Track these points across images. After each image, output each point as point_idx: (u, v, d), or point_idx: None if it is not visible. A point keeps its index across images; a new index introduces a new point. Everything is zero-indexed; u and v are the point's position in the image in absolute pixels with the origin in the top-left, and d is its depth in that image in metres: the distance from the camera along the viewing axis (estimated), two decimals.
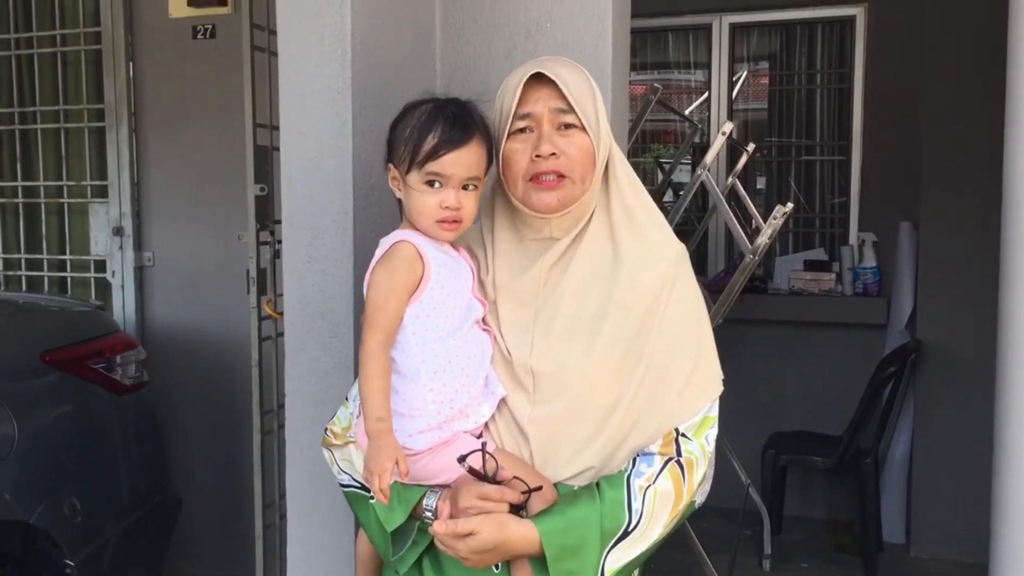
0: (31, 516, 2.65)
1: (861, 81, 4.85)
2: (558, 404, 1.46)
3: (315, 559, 2.03)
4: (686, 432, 1.47)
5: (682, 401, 1.47)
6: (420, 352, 1.45)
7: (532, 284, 1.51)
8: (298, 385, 2.01)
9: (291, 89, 1.94)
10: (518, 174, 1.49)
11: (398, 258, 1.46)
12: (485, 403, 1.49)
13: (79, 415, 2.97)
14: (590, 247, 1.51)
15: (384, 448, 1.36)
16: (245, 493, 3.64)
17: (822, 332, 4.79)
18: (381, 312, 1.44)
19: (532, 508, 1.42)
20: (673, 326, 1.48)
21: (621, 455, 1.46)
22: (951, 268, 4.23)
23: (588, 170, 1.49)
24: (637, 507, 1.42)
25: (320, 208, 1.93)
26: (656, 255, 1.50)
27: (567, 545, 1.39)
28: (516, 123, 1.48)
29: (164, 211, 4.06)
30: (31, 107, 4.25)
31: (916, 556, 4.36)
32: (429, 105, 1.49)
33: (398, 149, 1.49)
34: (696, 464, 1.47)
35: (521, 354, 1.49)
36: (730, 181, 4.00)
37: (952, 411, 4.24)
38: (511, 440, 1.49)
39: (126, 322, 4.01)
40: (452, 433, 1.47)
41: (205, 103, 3.89)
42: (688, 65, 5.54)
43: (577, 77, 1.50)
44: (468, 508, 1.40)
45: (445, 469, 1.46)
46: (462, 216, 1.48)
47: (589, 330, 1.47)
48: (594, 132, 1.48)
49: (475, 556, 1.39)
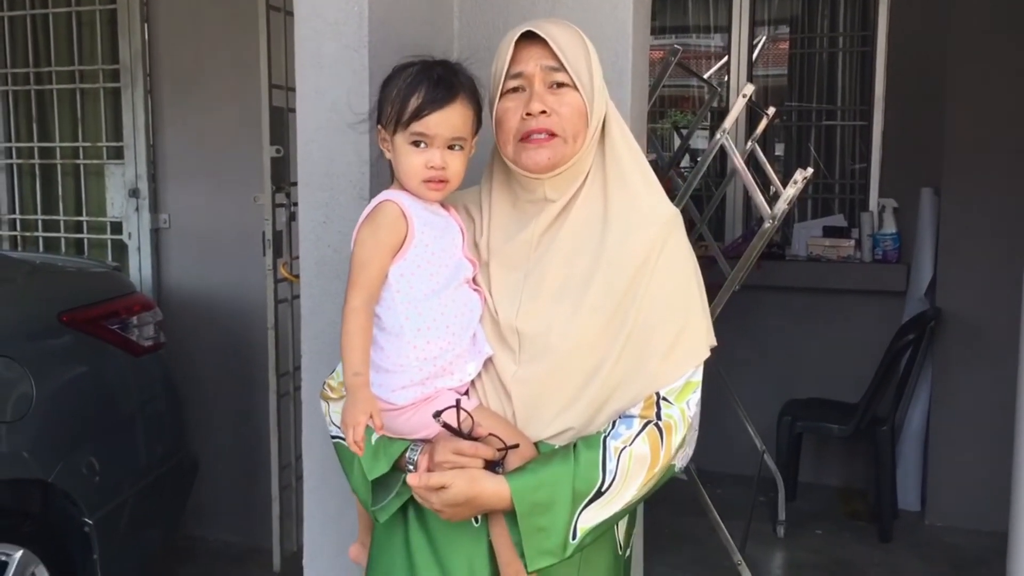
0: (50, 475, 2.67)
1: (884, 45, 4.77)
2: (542, 365, 1.48)
3: (332, 520, 2.04)
4: (667, 396, 1.48)
5: (665, 365, 1.47)
6: (404, 309, 1.48)
7: (524, 247, 1.53)
8: (314, 347, 2.00)
9: (307, 48, 1.91)
10: (509, 133, 1.50)
11: (381, 217, 1.49)
12: (471, 361, 1.51)
13: (96, 375, 2.98)
14: (583, 210, 1.52)
15: (360, 402, 1.40)
16: (261, 455, 3.67)
17: (840, 299, 4.76)
18: (364, 270, 1.47)
19: (509, 465, 1.45)
20: (660, 290, 1.48)
21: (603, 417, 1.48)
22: (972, 235, 4.18)
23: (580, 129, 1.49)
24: (611, 468, 1.43)
25: (337, 168, 1.91)
26: (647, 218, 1.50)
27: (537, 502, 1.42)
28: (508, 82, 1.49)
29: (180, 173, 4.05)
30: (46, 67, 4.24)
31: (931, 524, 4.35)
32: (416, 66, 1.51)
33: (385, 110, 1.51)
34: (675, 428, 1.47)
35: (508, 315, 1.51)
36: (749, 146, 3.95)
37: (970, 380, 4.21)
38: (495, 398, 1.52)
39: (142, 284, 4.02)
40: (435, 390, 1.50)
41: (221, 64, 3.87)
42: (708, 29, 5.48)
43: (570, 36, 1.50)
44: (443, 462, 1.44)
45: (426, 424, 1.49)
46: (448, 176, 1.49)
47: (576, 292, 1.48)
48: (586, 91, 1.49)
49: (448, 509, 1.43)
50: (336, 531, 2.03)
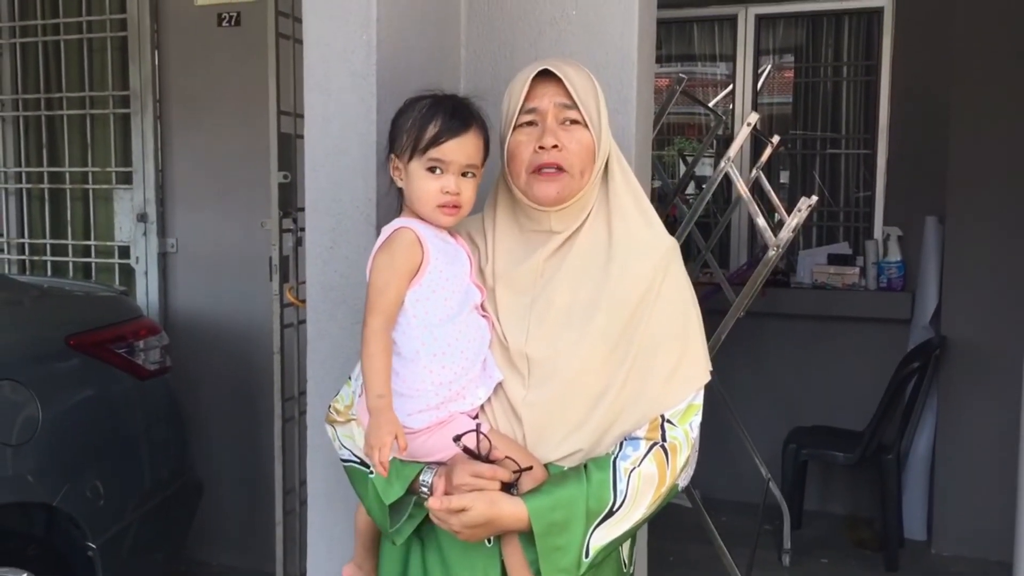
0: (54, 498, 2.67)
1: (888, 74, 4.80)
2: (550, 389, 1.52)
3: (335, 546, 2.03)
4: (671, 418, 1.54)
5: (668, 389, 1.53)
6: (420, 335, 1.52)
7: (530, 274, 1.58)
8: (319, 371, 2.01)
9: (316, 74, 1.93)
10: (521, 165, 1.56)
11: (398, 243, 1.53)
12: (482, 386, 1.55)
13: (102, 399, 2.99)
14: (587, 240, 1.58)
15: (384, 424, 1.43)
16: (266, 479, 3.66)
17: (845, 327, 4.75)
18: (382, 295, 1.51)
19: (522, 486, 1.49)
20: (661, 317, 1.54)
21: (609, 439, 1.53)
22: (977, 264, 4.18)
23: (588, 165, 1.56)
24: (622, 488, 1.48)
25: (344, 194, 1.93)
26: (647, 249, 1.57)
27: (554, 522, 1.46)
28: (522, 117, 1.56)
29: (188, 198, 4.08)
30: (57, 93, 4.28)
31: (937, 553, 4.33)
32: (429, 99, 1.58)
33: (400, 139, 1.56)
34: (680, 449, 1.53)
35: (517, 340, 1.55)
36: (754, 174, 3.97)
37: (975, 408, 4.20)
38: (505, 422, 1.55)
39: (149, 308, 4.03)
40: (449, 414, 1.53)
41: (230, 90, 3.90)
42: (713, 57, 5.51)
43: (583, 77, 1.57)
44: (462, 485, 1.48)
45: (441, 448, 1.53)
46: (461, 201, 1.55)
47: (582, 319, 1.53)
48: (595, 129, 1.56)
49: (467, 530, 1.47)
50: (340, 556, 2.03)
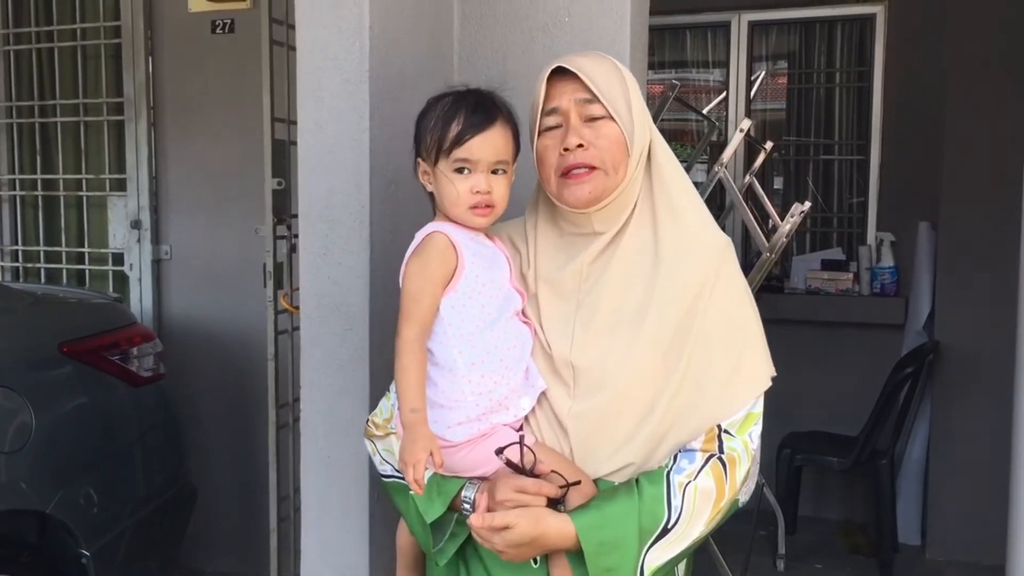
0: (48, 506, 2.66)
1: (880, 80, 4.82)
2: (598, 399, 1.44)
3: (329, 553, 2.03)
4: (729, 428, 1.44)
5: (725, 397, 1.44)
6: (457, 343, 1.45)
7: (573, 278, 1.50)
8: (313, 378, 2.01)
9: (309, 81, 1.94)
10: (550, 170, 1.48)
11: (431, 248, 1.47)
12: (525, 396, 1.48)
13: (96, 406, 2.98)
14: (632, 241, 1.49)
15: (419, 439, 1.37)
16: (260, 486, 3.66)
17: (839, 332, 4.76)
18: (416, 303, 1.44)
19: (570, 503, 1.41)
20: (716, 321, 1.45)
21: (662, 451, 1.44)
22: (970, 269, 4.20)
23: (621, 159, 1.46)
24: (677, 504, 1.39)
25: (337, 201, 1.93)
26: (699, 247, 1.47)
27: (604, 541, 1.37)
28: (545, 120, 1.48)
29: (182, 205, 4.07)
30: (51, 100, 4.28)
31: (932, 558, 4.33)
32: (451, 96, 1.50)
33: (424, 141, 1.50)
34: (739, 461, 1.44)
35: (561, 348, 1.47)
36: (747, 179, 3.98)
37: (969, 413, 4.21)
38: (551, 434, 1.47)
39: (143, 315, 4.03)
40: (491, 426, 1.46)
41: (224, 97, 3.91)
42: (706, 64, 5.52)
43: (603, 67, 1.48)
44: (505, 501, 1.39)
45: (484, 461, 1.45)
46: (494, 200, 1.48)
47: (631, 324, 1.45)
48: (624, 121, 1.45)
49: (511, 549, 1.38)
50: (334, 563, 2.03)
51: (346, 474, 1.99)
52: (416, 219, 2.05)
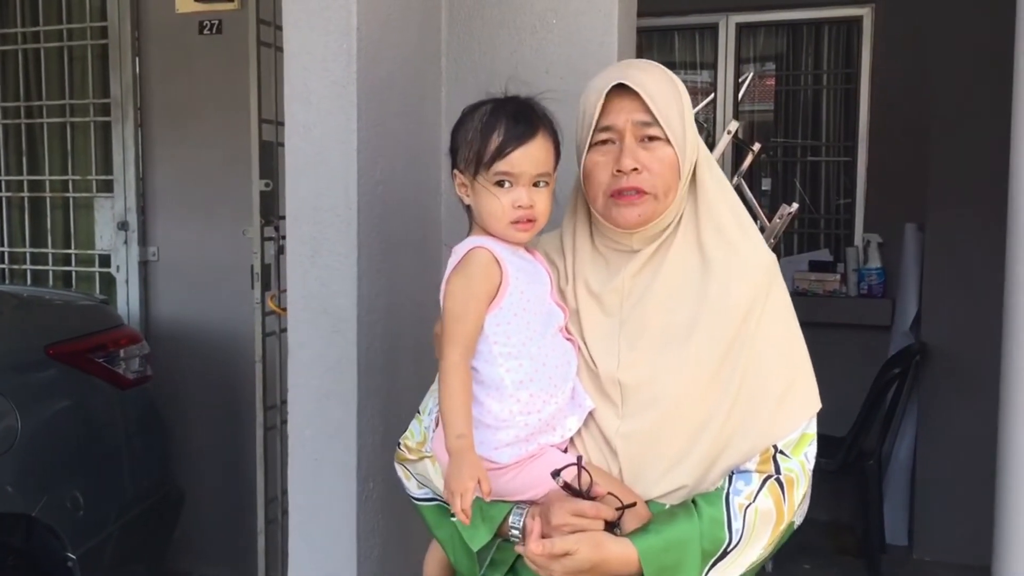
0: (34, 509, 2.65)
1: (868, 82, 4.84)
2: (648, 418, 1.40)
3: (317, 555, 2.03)
4: (784, 449, 1.41)
5: (779, 417, 1.40)
6: (504, 361, 1.40)
7: (616, 294, 1.46)
8: (300, 380, 2.00)
9: (296, 83, 1.93)
10: (599, 188, 1.43)
11: (474, 265, 1.41)
12: (572, 415, 1.43)
13: (82, 409, 2.97)
14: (678, 256, 1.46)
15: (467, 467, 1.30)
16: (248, 488, 3.64)
17: (826, 333, 4.75)
18: (460, 323, 1.39)
19: (626, 526, 1.36)
20: (768, 339, 1.42)
21: (715, 473, 1.40)
22: (956, 270, 4.21)
23: (672, 184, 1.42)
24: (737, 527, 1.36)
25: (324, 203, 1.93)
26: (748, 264, 1.44)
27: (666, 565, 1.34)
28: (597, 135, 1.43)
29: (169, 206, 4.05)
30: (37, 101, 4.25)
31: (919, 558, 4.34)
32: (489, 105, 1.45)
33: (463, 153, 1.44)
34: (797, 482, 1.41)
35: (608, 366, 1.43)
36: (735, 181, 3.98)
37: (956, 413, 4.22)
38: (598, 455, 1.43)
39: (130, 317, 4.01)
40: (539, 447, 1.41)
41: (211, 98, 3.89)
42: (694, 66, 5.53)
43: (662, 85, 1.43)
44: (562, 525, 1.34)
45: (532, 485, 1.41)
46: (536, 215, 1.42)
47: (680, 342, 1.41)
48: (679, 143, 1.42)
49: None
50: (321, 566, 2.02)
51: (334, 476, 1.98)
52: (404, 221, 2.06)
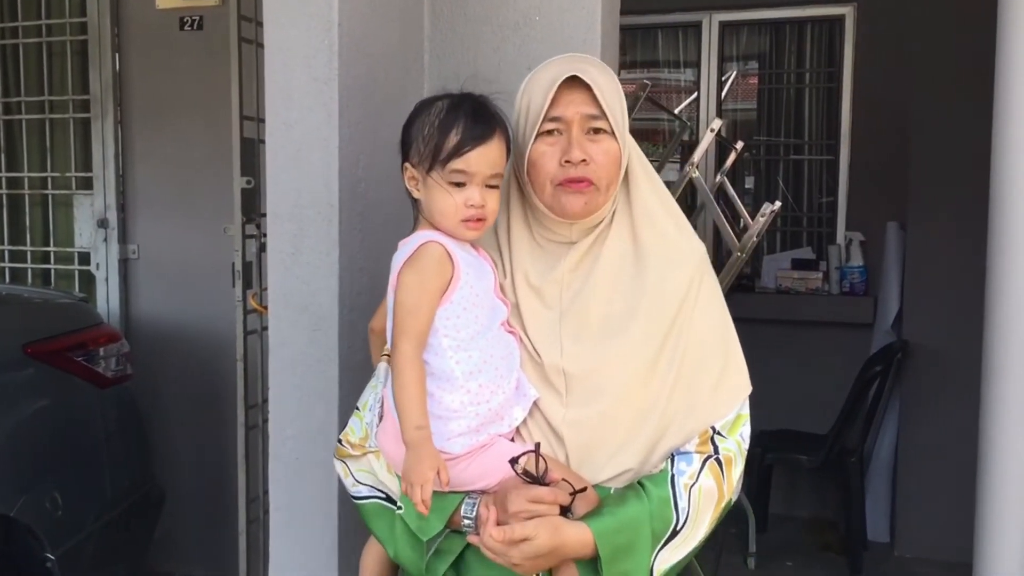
0: (11, 509, 2.63)
1: (850, 81, 4.86)
2: (594, 406, 1.44)
3: (298, 554, 2.02)
4: (721, 430, 1.47)
5: (716, 399, 1.47)
6: (454, 353, 1.42)
7: (555, 286, 1.49)
8: (282, 379, 1.99)
9: (277, 80, 1.92)
10: (546, 178, 1.46)
11: (427, 259, 1.42)
12: (518, 405, 1.46)
13: (61, 408, 2.94)
14: (614, 249, 1.50)
15: (426, 458, 1.33)
16: (229, 487, 3.62)
17: (808, 331, 4.79)
18: (413, 316, 1.40)
19: (577, 510, 1.39)
20: (703, 325, 1.48)
21: (657, 456, 1.45)
22: (938, 268, 4.24)
23: (615, 176, 1.47)
24: (684, 506, 1.41)
25: (305, 200, 1.91)
26: (682, 255, 1.49)
27: (620, 546, 1.38)
28: (545, 125, 1.45)
29: (149, 204, 4.03)
30: (16, 98, 4.22)
31: (900, 555, 4.37)
32: (446, 101, 1.45)
33: (417, 148, 1.44)
34: (734, 461, 1.47)
35: (551, 356, 1.46)
36: (719, 179, 3.99)
37: (937, 411, 4.24)
38: (545, 443, 1.45)
39: (110, 315, 3.98)
40: (489, 437, 1.43)
41: (192, 95, 3.86)
42: (677, 64, 5.54)
43: (610, 81, 1.48)
44: (520, 512, 1.36)
45: (484, 474, 1.43)
46: (486, 214, 1.44)
47: (621, 331, 1.45)
48: (621, 137, 1.47)
49: (528, 562, 1.35)
50: (303, 565, 2.01)
51: (315, 475, 1.97)
52: (385, 218, 2.04)
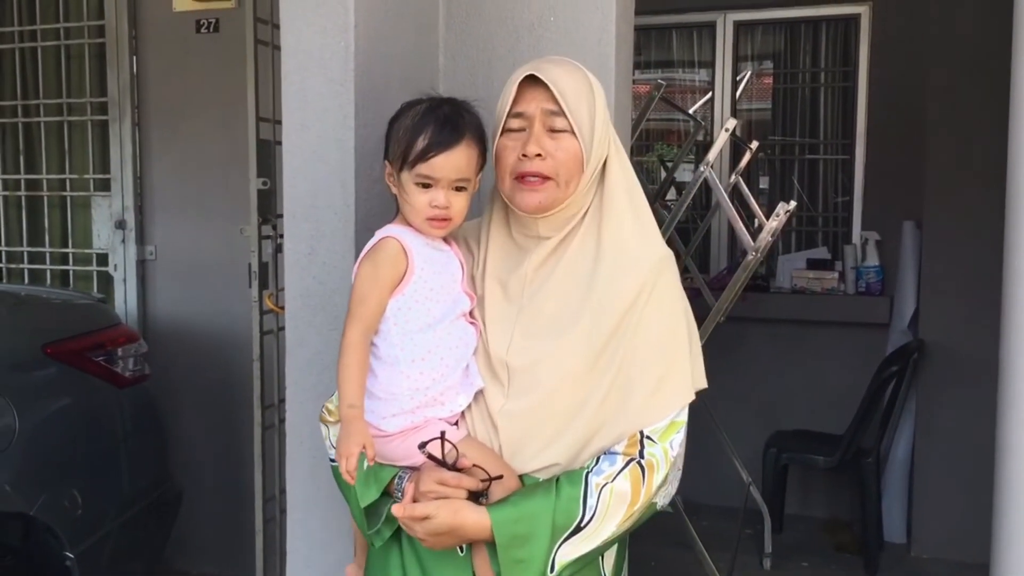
0: (32, 508, 2.65)
1: (865, 80, 4.84)
2: (529, 400, 1.50)
3: (315, 554, 2.03)
4: (651, 435, 1.49)
5: (650, 405, 1.49)
6: (400, 341, 1.51)
7: (519, 282, 1.56)
8: (298, 379, 2.00)
9: (293, 82, 1.93)
10: (506, 171, 1.53)
11: (382, 254, 1.52)
12: (462, 393, 1.54)
13: (80, 407, 2.97)
14: (578, 248, 1.55)
15: (354, 434, 1.44)
16: (246, 487, 3.64)
17: (824, 331, 4.78)
18: (363, 304, 1.51)
19: (492, 496, 1.48)
20: (648, 332, 1.50)
21: (588, 453, 1.50)
22: (954, 268, 4.22)
23: (574, 174, 1.51)
24: (592, 504, 1.46)
25: (322, 201, 1.93)
26: (636, 260, 1.52)
27: (516, 535, 1.44)
28: (510, 121, 1.52)
29: (166, 205, 4.06)
30: (34, 100, 4.25)
31: (917, 555, 4.35)
32: (423, 105, 1.54)
33: (392, 147, 1.54)
34: (657, 466, 1.49)
35: (499, 349, 1.54)
36: (733, 179, 3.99)
37: (954, 411, 4.23)
38: (483, 430, 1.54)
39: (128, 316, 4.01)
40: (424, 419, 1.53)
41: (208, 97, 3.89)
42: (692, 64, 5.53)
43: (574, 80, 1.51)
44: (427, 492, 1.47)
45: (413, 453, 1.52)
46: (451, 215, 1.53)
47: (565, 330, 1.51)
48: (585, 137, 1.50)
49: (431, 538, 1.46)
50: (320, 564, 2.02)
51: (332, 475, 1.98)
52: None
